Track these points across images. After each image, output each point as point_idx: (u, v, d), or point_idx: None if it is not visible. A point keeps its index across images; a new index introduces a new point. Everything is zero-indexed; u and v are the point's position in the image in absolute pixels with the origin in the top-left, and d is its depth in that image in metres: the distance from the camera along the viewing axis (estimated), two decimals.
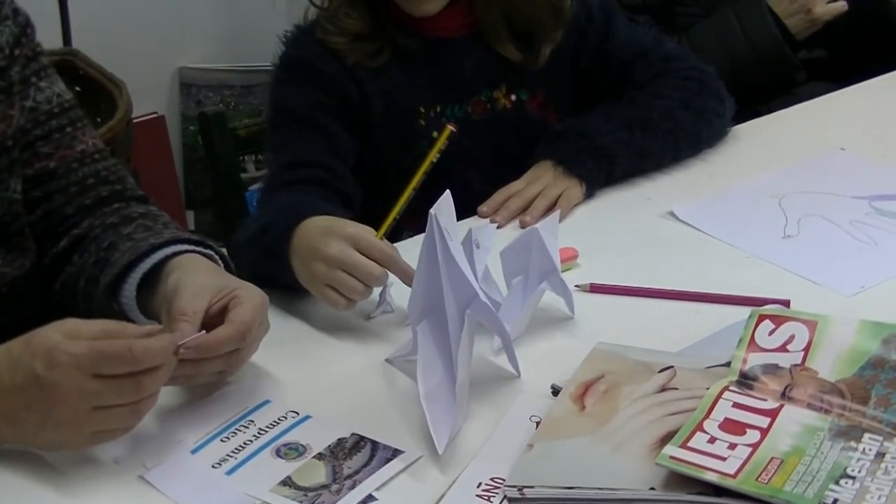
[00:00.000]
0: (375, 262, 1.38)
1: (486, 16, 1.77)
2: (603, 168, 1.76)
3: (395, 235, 1.56)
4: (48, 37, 1.45)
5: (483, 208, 1.72)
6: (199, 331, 1.20)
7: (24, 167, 1.38)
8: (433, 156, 1.48)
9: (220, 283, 1.27)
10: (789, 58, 2.29)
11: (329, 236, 1.40)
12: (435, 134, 1.77)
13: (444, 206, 1.26)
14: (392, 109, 1.76)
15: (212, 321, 1.23)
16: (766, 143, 1.96)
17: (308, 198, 1.58)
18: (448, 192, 1.29)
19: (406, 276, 1.38)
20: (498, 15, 1.77)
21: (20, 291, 1.38)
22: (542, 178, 1.74)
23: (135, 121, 2.95)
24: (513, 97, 1.83)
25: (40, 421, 1.13)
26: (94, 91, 2.86)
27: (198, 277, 1.27)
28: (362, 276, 1.37)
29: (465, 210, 1.56)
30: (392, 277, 1.42)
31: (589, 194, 1.75)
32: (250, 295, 1.26)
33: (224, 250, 1.41)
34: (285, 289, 1.49)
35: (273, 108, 1.79)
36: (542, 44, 1.80)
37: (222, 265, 1.37)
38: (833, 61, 2.44)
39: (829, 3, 2.29)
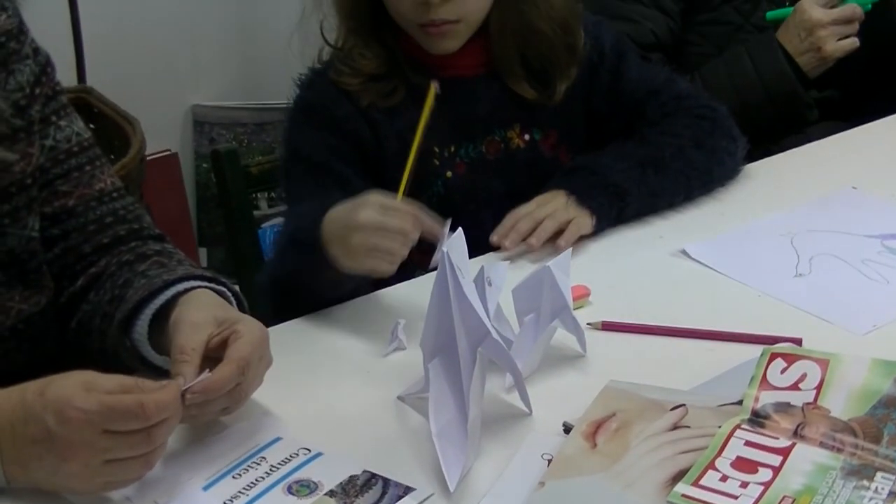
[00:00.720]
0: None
1: (503, 54, 1.78)
2: (615, 206, 1.75)
3: (406, 273, 1.57)
4: (63, 74, 1.45)
5: (493, 237, 1.70)
6: (202, 368, 1.20)
7: (42, 205, 1.39)
8: (426, 115, 1.56)
9: (220, 316, 1.27)
10: (800, 95, 2.30)
11: (356, 208, 1.46)
12: (446, 172, 1.79)
13: (456, 243, 1.27)
14: (406, 149, 1.76)
15: (212, 355, 1.23)
16: (777, 181, 1.96)
17: (324, 196, 1.61)
18: (460, 229, 1.30)
19: (432, 231, 1.45)
20: (514, 53, 1.78)
21: (36, 328, 1.38)
22: (553, 202, 1.72)
23: (148, 158, 2.95)
24: (526, 136, 1.83)
25: (52, 470, 1.13)
26: (108, 128, 2.87)
27: (197, 312, 1.27)
28: (398, 234, 1.43)
29: (477, 248, 1.56)
30: (404, 319, 1.47)
31: (598, 228, 1.74)
32: (249, 329, 1.25)
33: (237, 287, 1.42)
34: (303, 320, 1.50)
35: (288, 152, 1.79)
36: (557, 81, 1.81)
37: (234, 302, 1.37)
38: (844, 101, 2.44)
39: (839, 40, 2.29)
